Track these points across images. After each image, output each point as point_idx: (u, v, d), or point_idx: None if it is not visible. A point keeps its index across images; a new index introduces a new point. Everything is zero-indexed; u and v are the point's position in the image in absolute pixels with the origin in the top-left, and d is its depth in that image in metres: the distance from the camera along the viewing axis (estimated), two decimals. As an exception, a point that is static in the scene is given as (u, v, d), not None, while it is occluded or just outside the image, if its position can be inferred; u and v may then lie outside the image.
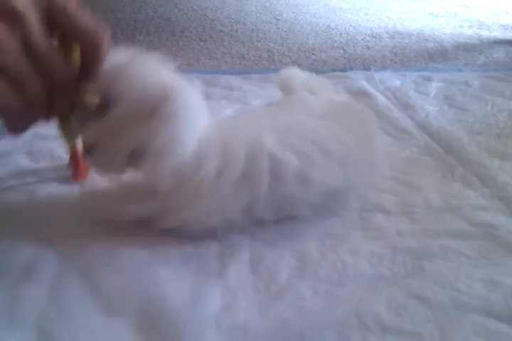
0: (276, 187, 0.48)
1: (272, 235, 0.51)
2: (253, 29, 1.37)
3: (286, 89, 0.61)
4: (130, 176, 0.50)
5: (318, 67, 1.08)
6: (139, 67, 0.44)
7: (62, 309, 0.41)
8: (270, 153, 0.47)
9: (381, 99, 0.87)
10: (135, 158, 0.44)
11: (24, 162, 0.62)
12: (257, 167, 0.47)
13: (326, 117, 0.52)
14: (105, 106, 0.43)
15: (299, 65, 1.10)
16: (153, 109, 0.43)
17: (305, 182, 0.49)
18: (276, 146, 0.48)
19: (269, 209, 0.50)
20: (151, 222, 0.49)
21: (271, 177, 0.48)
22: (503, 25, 1.50)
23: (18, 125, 0.38)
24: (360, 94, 0.89)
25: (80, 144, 0.50)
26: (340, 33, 1.36)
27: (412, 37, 1.35)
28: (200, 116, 0.47)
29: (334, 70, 1.04)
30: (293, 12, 1.58)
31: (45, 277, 0.45)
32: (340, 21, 1.49)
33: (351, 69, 1.04)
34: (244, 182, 0.47)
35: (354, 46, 1.25)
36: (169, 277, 0.46)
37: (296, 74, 0.63)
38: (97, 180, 0.57)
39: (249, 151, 0.47)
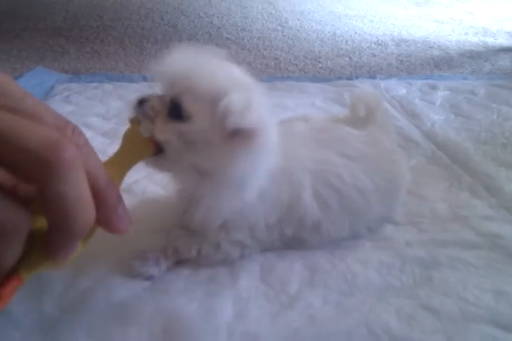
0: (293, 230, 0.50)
1: (281, 245, 0.52)
2: (259, 37, 1.38)
3: (355, 111, 0.57)
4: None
5: (325, 75, 1.09)
6: (209, 79, 0.40)
7: (75, 317, 0.42)
8: (304, 204, 0.48)
9: (387, 107, 0.88)
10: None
11: None
12: (292, 216, 0.48)
13: (358, 159, 0.51)
14: (176, 111, 0.40)
15: (305, 73, 1.11)
16: (233, 133, 0.39)
17: (315, 231, 0.50)
18: (310, 198, 0.48)
19: (281, 241, 0.51)
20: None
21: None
22: (508, 32, 1.51)
23: None
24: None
25: None
26: (346, 41, 1.37)
27: (418, 44, 1.36)
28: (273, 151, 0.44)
29: (340, 78, 1.04)
30: (298, 19, 1.59)
31: (59, 286, 0.45)
32: (346, 29, 1.50)
33: (357, 77, 1.05)
34: (277, 225, 0.49)
35: (360, 54, 1.26)
36: (181, 287, 0.46)
37: (370, 99, 0.59)
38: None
39: (290, 198, 0.48)
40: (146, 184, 0.61)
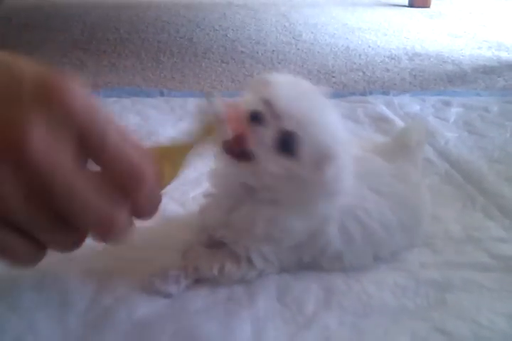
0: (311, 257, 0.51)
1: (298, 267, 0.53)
2: (273, 50, 1.39)
3: (401, 143, 0.58)
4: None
5: (338, 91, 1.10)
6: (328, 132, 0.44)
7: (98, 335, 0.44)
8: (328, 235, 0.49)
9: (401, 124, 0.89)
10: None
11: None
12: (312, 244, 0.50)
13: (387, 195, 0.52)
14: (287, 145, 0.42)
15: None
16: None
17: (335, 260, 0.51)
18: (335, 230, 0.49)
19: (298, 265, 0.52)
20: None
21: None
22: (522, 46, 1.51)
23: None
24: (380, 120, 0.91)
25: None
26: (360, 55, 1.38)
27: (431, 59, 1.36)
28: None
29: (354, 94, 1.05)
30: (312, 32, 1.61)
31: (83, 303, 0.47)
32: (359, 42, 1.51)
33: (370, 93, 1.06)
34: (295, 249, 0.50)
35: (373, 68, 1.27)
36: (200, 305, 0.48)
37: (418, 132, 0.60)
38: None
39: (315, 226, 0.49)
40: (166, 201, 0.62)
